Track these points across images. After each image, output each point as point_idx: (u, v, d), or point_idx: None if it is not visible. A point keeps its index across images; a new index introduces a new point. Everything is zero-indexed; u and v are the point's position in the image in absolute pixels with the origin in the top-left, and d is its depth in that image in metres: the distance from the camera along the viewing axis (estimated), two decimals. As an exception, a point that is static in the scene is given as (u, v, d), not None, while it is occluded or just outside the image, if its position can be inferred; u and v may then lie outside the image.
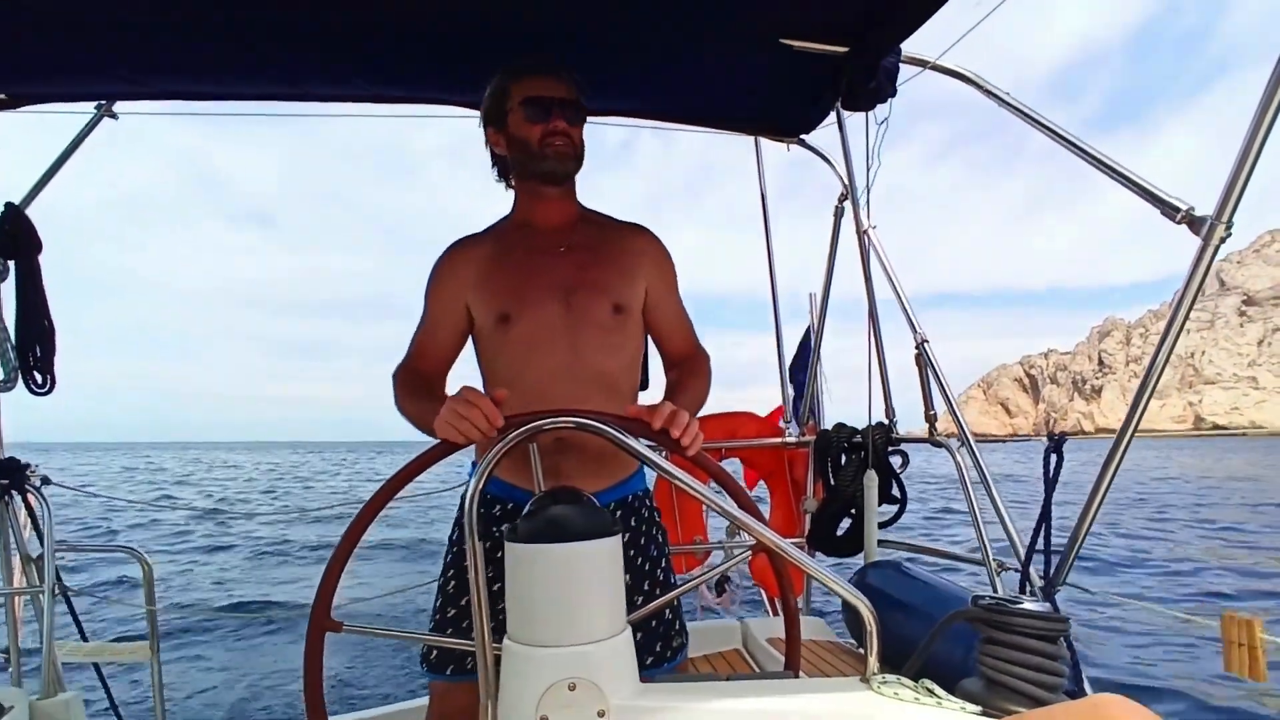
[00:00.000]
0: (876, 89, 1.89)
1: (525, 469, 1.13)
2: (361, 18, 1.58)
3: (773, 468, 3.04)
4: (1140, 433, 1.48)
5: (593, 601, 0.88)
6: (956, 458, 2.10)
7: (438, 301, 1.43)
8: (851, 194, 2.52)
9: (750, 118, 2.42)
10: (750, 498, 1.15)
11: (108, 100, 2.08)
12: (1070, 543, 1.64)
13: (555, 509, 0.91)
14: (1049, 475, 1.71)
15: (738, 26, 1.72)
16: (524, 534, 0.90)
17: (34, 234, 2.11)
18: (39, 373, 2.15)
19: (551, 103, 1.35)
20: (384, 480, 1.06)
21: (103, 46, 1.62)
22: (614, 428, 1.03)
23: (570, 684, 0.84)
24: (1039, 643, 0.83)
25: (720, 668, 2.52)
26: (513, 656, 0.89)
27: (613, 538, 0.91)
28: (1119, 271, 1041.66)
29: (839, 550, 2.59)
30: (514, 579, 0.91)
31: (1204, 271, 1.34)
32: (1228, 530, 13.76)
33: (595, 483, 1.38)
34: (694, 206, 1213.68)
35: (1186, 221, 1.35)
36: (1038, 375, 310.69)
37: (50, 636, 1.95)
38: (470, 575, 0.97)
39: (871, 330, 2.49)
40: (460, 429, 1.06)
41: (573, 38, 1.74)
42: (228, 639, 6.04)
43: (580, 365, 1.35)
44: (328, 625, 1.01)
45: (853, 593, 0.95)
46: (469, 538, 0.97)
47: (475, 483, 1.01)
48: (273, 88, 1.90)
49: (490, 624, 0.97)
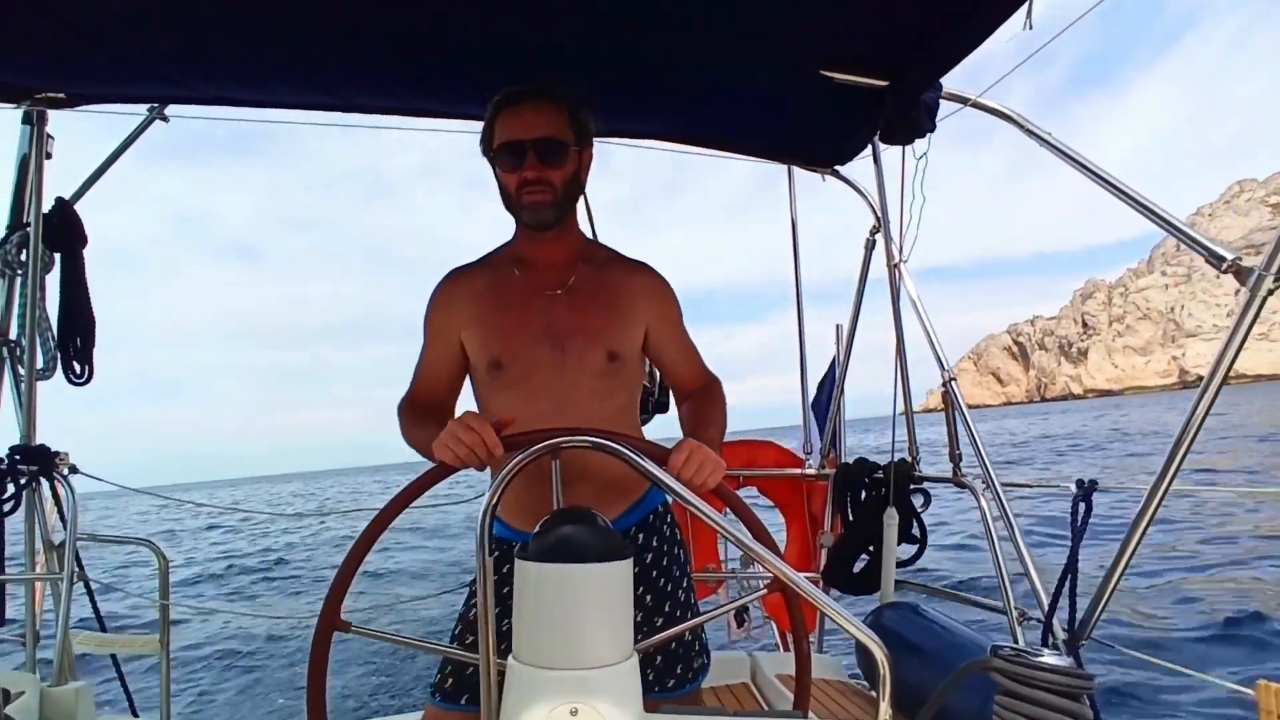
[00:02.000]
0: (916, 123, 1.88)
1: (530, 510, 1.12)
2: (415, 29, 1.61)
3: (790, 499, 3.00)
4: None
5: (600, 626, 0.87)
6: (980, 500, 2.05)
7: (435, 336, 1.42)
8: (884, 227, 2.50)
9: (786, 147, 2.42)
10: (766, 529, 1.13)
11: (160, 102, 2.15)
12: (1099, 593, 1.58)
13: (566, 528, 0.90)
14: (1076, 524, 1.66)
15: (778, 56, 1.73)
16: (534, 552, 0.89)
17: (81, 228, 2.17)
18: (78, 363, 2.20)
19: (524, 146, 1.28)
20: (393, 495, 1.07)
21: (158, 49, 1.68)
22: (630, 450, 1.02)
23: (572, 709, 0.82)
24: (1060, 700, 0.80)
25: (727, 702, 2.47)
26: (516, 676, 0.88)
27: (624, 561, 0.90)
28: (1103, 231, 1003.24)
29: (855, 588, 2.53)
30: (521, 597, 0.90)
31: (1250, 321, 1.30)
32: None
33: (612, 509, 1.37)
34: (674, 204, 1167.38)
35: (1233, 271, 1.32)
36: (1026, 342, 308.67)
37: (66, 624, 1.98)
38: (479, 590, 0.96)
39: (899, 365, 2.46)
40: (457, 452, 1.08)
41: (610, 59, 1.76)
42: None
43: (572, 412, 1.31)
44: (337, 624, 1.01)
45: (867, 633, 0.92)
46: (479, 552, 0.97)
47: (490, 498, 1.01)
48: (319, 96, 1.95)
49: (497, 641, 0.96)
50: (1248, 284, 1.28)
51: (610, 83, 1.90)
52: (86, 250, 2.19)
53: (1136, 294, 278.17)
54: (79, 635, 2.12)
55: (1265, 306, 1.28)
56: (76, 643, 2.10)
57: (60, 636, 1.97)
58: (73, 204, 2.18)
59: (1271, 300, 1.28)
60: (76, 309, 2.19)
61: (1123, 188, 1.58)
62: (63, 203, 2.15)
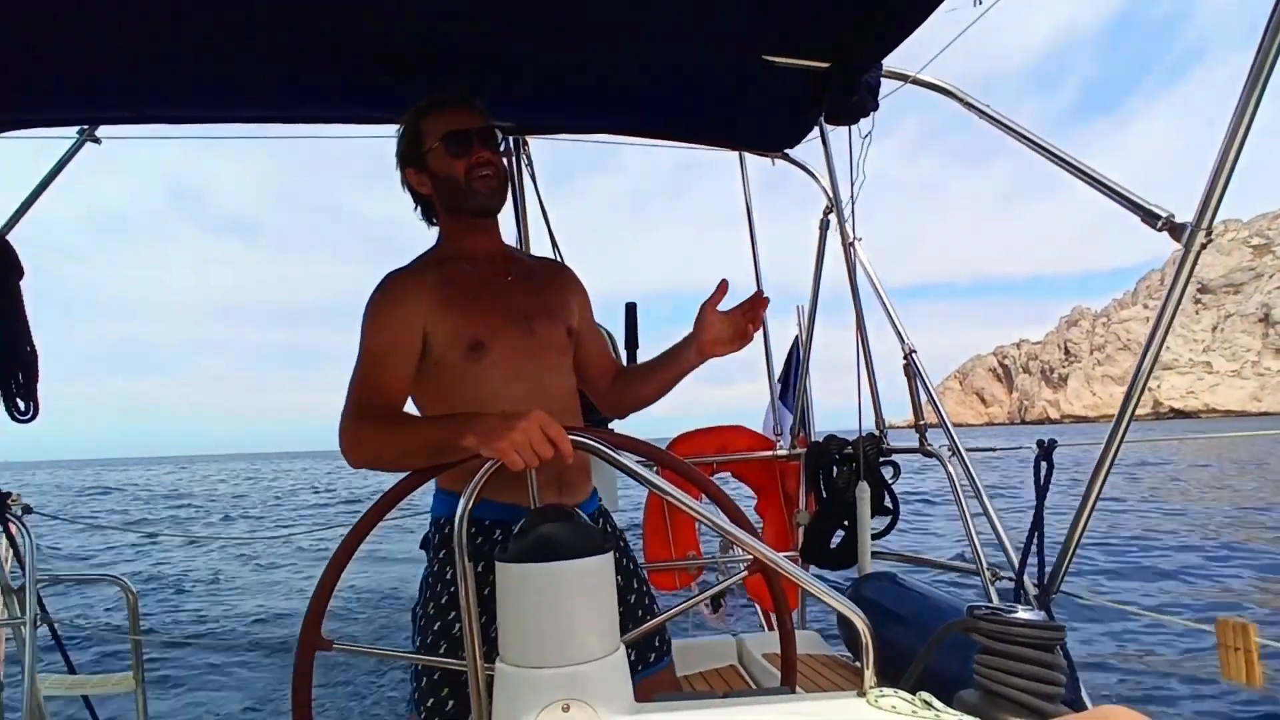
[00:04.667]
0: (859, 103, 1.91)
1: (518, 481, 1.10)
2: (341, 38, 1.58)
3: (764, 481, 3.04)
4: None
5: (586, 620, 0.87)
6: (948, 467, 2.10)
7: (389, 331, 1.33)
8: (837, 207, 2.54)
9: (734, 133, 2.44)
10: (743, 513, 1.15)
11: (90, 124, 2.08)
12: (1063, 550, 1.64)
13: (546, 527, 0.90)
14: (1039, 483, 1.71)
15: (719, 42, 1.74)
16: (514, 553, 0.89)
17: (15, 260, 2.08)
18: (21, 399, 2.12)
19: (471, 135, 1.35)
20: (372, 502, 1.05)
21: (86, 71, 1.62)
22: (606, 446, 1.03)
23: (564, 705, 0.83)
24: (1036, 652, 0.83)
25: (716, 685, 2.50)
26: (505, 678, 0.87)
27: (605, 555, 0.90)
28: (1100, 257, 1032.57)
29: (833, 563, 2.58)
30: (505, 599, 0.89)
31: (1187, 276, 1.35)
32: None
33: (585, 491, 1.42)
34: (675, 204, 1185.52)
35: (1168, 229, 1.37)
36: (1011, 365, 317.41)
37: (32, 670, 1.91)
38: (460, 596, 0.96)
39: (860, 341, 2.50)
40: (540, 452, 1.00)
41: (553, 54, 1.75)
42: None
43: (551, 385, 1.38)
44: (318, 644, 0.99)
45: (847, 606, 0.95)
46: (459, 558, 0.96)
47: (465, 502, 1.00)
48: (253, 110, 1.90)
49: (482, 646, 0.96)
50: (1182, 239, 1.34)
51: (554, 78, 1.89)
52: (23, 282, 2.11)
53: (1119, 324, 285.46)
54: (47, 680, 2.05)
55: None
56: (45, 687, 2.03)
57: (28, 683, 1.90)
58: (4, 235, 2.09)
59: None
60: (16, 344, 2.10)
61: (1059, 153, 1.63)
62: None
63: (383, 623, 7.10)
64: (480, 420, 1.06)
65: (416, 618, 1.36)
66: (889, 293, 2.38)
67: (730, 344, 1.41)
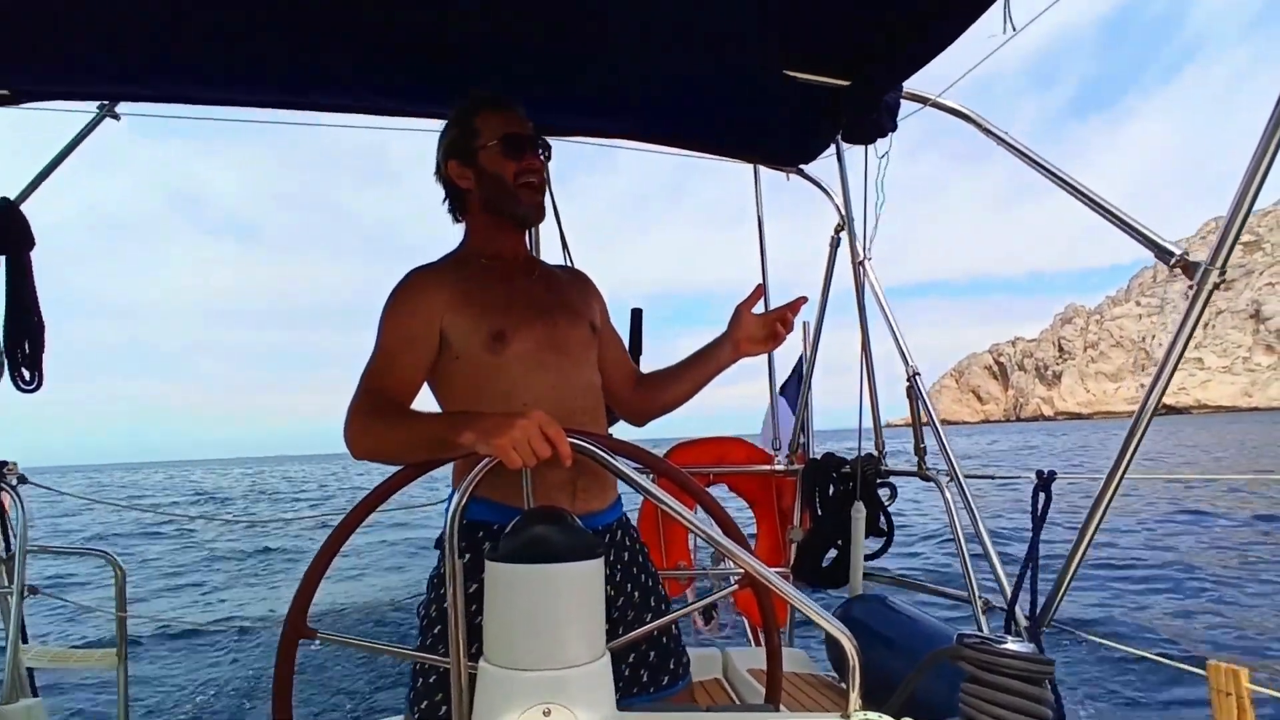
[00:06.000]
0: (877, 123, 1.91)
1: (515, 481, 1.10)
2: (370, 28, 1.59)
3: (760, 495, 3.03)
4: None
5: (571, 625, 0.87)
6: (945, 493, 2.09)
7: (407, 323, 1.33)
8: (848, 225, 2.54)
9: (750, 146, 2.44)
10: (737, 526, 1.14)
11: (110, 100, 2.09)
12: (1058, 581, 1.63)
13: (537, 528, 0.90)
14: (1036, 513, 1.70)
15: (741, 56, 1.74)
16: (504, 553, 0.88)
17: (27, 230, 2.09)
18: (26, 369, 2.12)
19: (526, 141, 1.37)
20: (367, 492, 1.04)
21: (107, 45, 1.62)
22: (601, 449, 1.02)
23: (545, 709, 0.82)
24: (1023, 684, 0.82)
25: (700, 697, 2.48)
26: (487, 678, 0.87)
27: (595, 560, 0.90)
28: (1097, 254, 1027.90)
29: (824, 581, 2.57)
30: (492, 598, 0.89)
31: (1198, 314, 1.35)
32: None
33: (603, 499, 1.38)
34: (675, 205, 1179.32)
35: (1181, 266, 1.36)
36: (1006, 362, 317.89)
37: (16, 640, 1.91)
38: (449, 593, 0.95)
39: (864, 361, 2.49)
40: (539, 452, 0.99)
41: (577, 59, 1.76)
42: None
43: (575, 379, 1.38)
44: (302, 632, 0.99)
45: (836, 626, 0.94)
46: (449, 555, 0.96)
47: (459, 499, 1.00)
48: (275, 94, 1.91)
49: (467, 643, 0.96)
50: (1194, 278, 1.33)
51: (577, 82, 1.89)
52: (34, 252, 2.11)
53: (1112, 321, 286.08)
54: (30, 651, 2.04)
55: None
56: (28, 659, 2.02)
57: (11, 652, 1.90)
58: (18, 205, 2.10)
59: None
60: (23, 314, 2.11)
61: (1078, 186, 1.63)
62: (8, 204, 2.07)
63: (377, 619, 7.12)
64: (480, 417, 1.05)
65: (421, 616, 1.36)
66: (888, 293, 2.38)
67: (763, 344, 1.47)
